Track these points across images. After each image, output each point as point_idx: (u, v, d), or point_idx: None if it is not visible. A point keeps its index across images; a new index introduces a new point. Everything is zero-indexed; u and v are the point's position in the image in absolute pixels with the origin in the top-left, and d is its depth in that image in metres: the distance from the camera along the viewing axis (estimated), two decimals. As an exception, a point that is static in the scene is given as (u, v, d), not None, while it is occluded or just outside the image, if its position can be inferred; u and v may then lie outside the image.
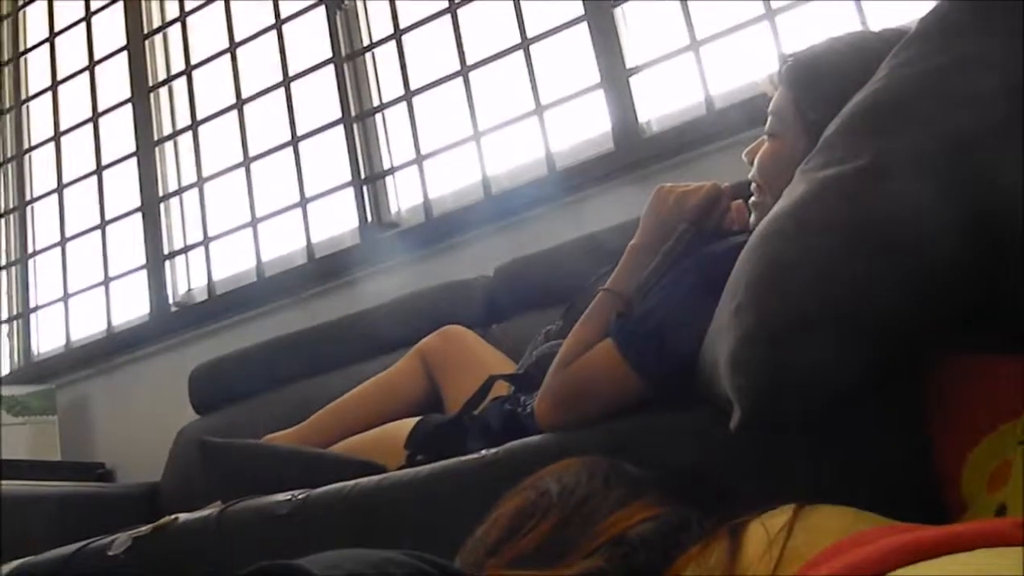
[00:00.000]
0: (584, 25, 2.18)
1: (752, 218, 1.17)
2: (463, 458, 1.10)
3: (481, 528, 0.82)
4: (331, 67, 2.53)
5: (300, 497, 1.18)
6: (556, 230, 2.04)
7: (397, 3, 2.47)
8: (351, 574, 0.64)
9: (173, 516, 1.30)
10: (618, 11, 2.17)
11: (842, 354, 0.79)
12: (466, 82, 2.31)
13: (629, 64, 2.13)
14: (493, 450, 1.09)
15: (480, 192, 2.27)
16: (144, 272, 2.79)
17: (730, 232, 1.20)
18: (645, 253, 1.19)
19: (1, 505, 1.69)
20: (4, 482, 2.02)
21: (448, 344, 1.75)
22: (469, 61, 2.32)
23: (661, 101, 2.13)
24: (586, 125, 2.21)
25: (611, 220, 1.84)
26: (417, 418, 1.52)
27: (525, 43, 2.25)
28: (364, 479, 1.18)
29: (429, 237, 2.31)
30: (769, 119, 1.15)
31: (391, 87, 2.50)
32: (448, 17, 2.37)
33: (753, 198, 1.17)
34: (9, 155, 3.20)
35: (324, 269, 2.46)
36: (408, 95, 2.40)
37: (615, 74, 2.13)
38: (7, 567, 1.49)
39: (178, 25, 2.87)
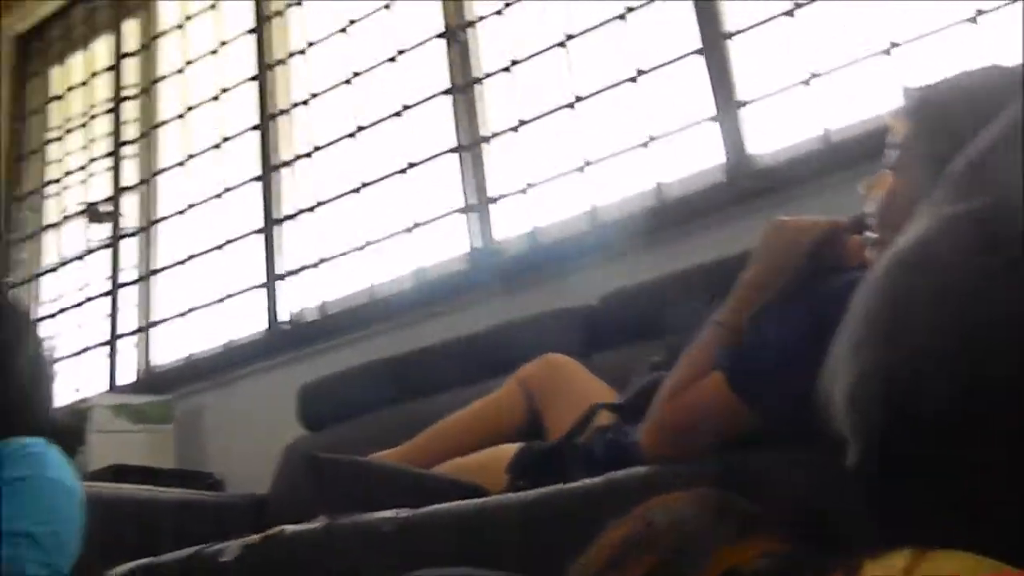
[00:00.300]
0: (696, 56, 2.18)
1: (870, 254, 1.14)
2: (567, 485, 1.10)
3: (585, 556, 0.82)
4: (445, 96, 2.60)
5: (404, 515, 1.20)
6: (663, 262, 2.03)
7: (512, 35, 2.52)
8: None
9: (280, 528, 1.34)
10: (731, 42, 2.16)
11: (959, 392, 0.76)
12: (577, 113, 2.34)
13: (741, 96, 2.12)
14: (596, 479, 1.09)
15: (587, 221, 2.28)
16: (260, 291, 2.90)
17: (847, 268, 1.17)
18: (757, 287, 1.18)
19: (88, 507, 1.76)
20: (122, 485, 2.13)
21: (550, 371, 1.75)
22: (580, 92, 2.35)
23: (775, 133, 2.10)
24: (697, 156, 2.20)
25: (720, 253, 1.83)
26: (519, 444, 1.53)
27: (636, 75, 2.26)
28: (468, 501, 1.20)
29: (535, 265, 2.33)
30: (891, 153, 1.12)
31: (503, 116, 2.55)
32: (562, 49, 2.40)
33: (871, 233, 1.14)
34: (140, 178, 3.39)
35: (431, 293, 2.51)
36: (519, 125, 2.44)
37: (728, 105, 2.11)
38: (125, 567, 1.56)
39: (301, 56, 3.00)
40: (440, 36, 2.64)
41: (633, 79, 2.27)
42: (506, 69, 2.50)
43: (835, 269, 1.16)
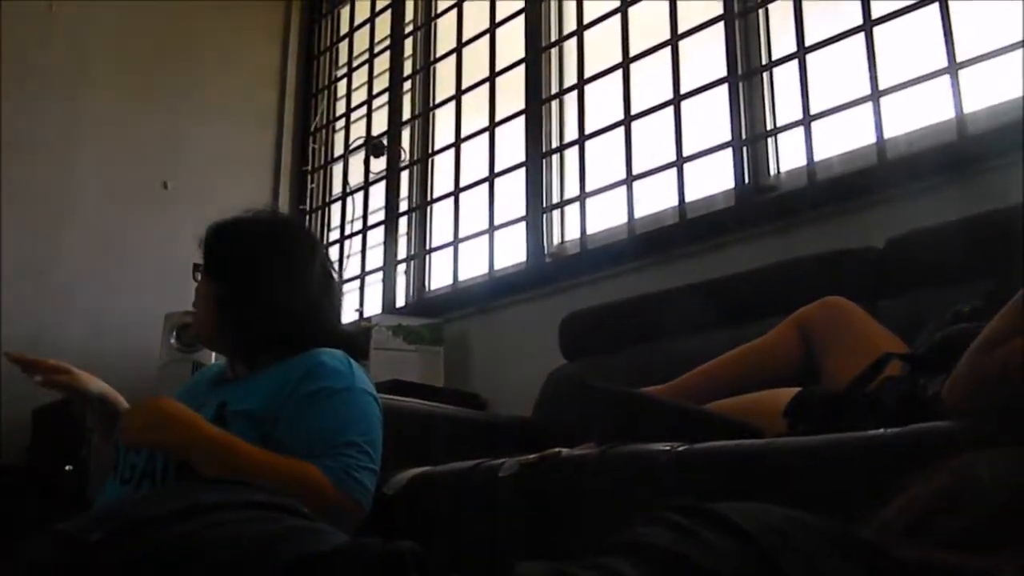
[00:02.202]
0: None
1: None
2: (862, 433, 1.04)
3: (893, 507, 0.78)
4: (721, 23, 2.49)
5: (681, 448, 1.19)
6: (960, 202, 1.85)
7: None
8: (768, 528, 0.64)
9: (557, 449, 1.38)
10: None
11: None
12: (868, 37, 2.15)
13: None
14: (895, 430, 1.02)
15: (873, 156, 2.12)
16: (523, 223, 2.98)
17: None
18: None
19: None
20: (403, 399, 2.29)
21: (831, 316, 1.66)
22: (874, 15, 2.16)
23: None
24: (1008, 86, 1.96)
25: (1035, 193, 1.63)
26: (795, 388, 1.47)
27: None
28: (748, 440, 1.17)
29: (811, 202, 2.20)
30: None
31: (782, 44, 2.40)
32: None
33: None
34: (416, 112, 3.57)
35: (695, 230, 2.45)
36: (801, 52, 2.29)
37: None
38: (407, 473, 1.69)
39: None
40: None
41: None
42: (789, -7, 2.35)
43: None
